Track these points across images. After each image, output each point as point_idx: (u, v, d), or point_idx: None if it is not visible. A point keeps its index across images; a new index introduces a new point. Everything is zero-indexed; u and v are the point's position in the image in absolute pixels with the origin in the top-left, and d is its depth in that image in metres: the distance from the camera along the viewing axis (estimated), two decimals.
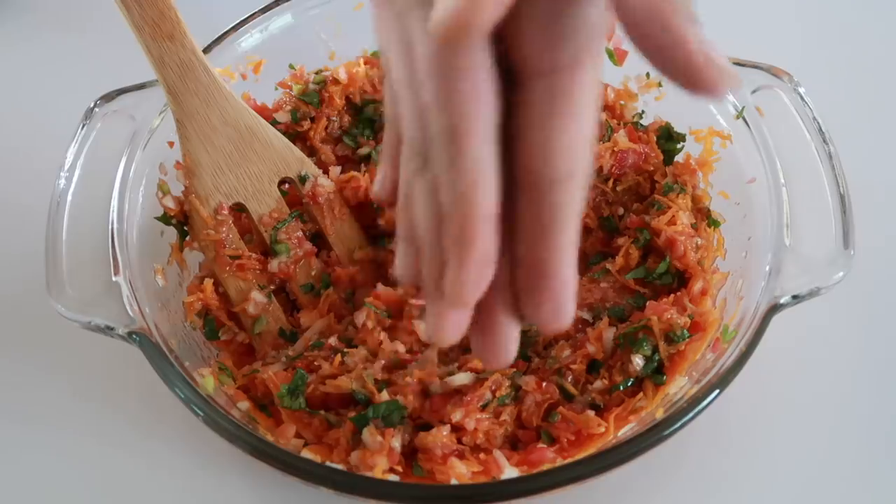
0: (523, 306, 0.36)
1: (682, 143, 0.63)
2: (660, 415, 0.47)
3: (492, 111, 0.34)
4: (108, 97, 0.59)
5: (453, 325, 0.37)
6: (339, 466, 0.47)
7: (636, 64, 0.64)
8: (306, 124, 0.65)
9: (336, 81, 0.65)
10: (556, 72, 0.34)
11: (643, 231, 0.58)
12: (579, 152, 0.35)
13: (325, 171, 0.62)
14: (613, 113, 0.64)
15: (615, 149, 0.61)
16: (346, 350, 0.54)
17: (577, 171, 0.35)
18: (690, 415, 0.46)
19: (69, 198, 0.55)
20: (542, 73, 0.34)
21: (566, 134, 0.34)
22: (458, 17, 0.31)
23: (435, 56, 0.34)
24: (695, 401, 0.46)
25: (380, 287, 0.57)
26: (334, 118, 0.65)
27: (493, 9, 0.31)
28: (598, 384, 0.53)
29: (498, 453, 0.49)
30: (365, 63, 0.67)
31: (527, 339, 0.56)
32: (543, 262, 0.35)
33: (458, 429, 0.50)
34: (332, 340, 0.55)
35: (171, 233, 0.59)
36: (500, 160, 0.35)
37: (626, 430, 0.49)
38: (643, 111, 0.65)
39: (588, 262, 0.61)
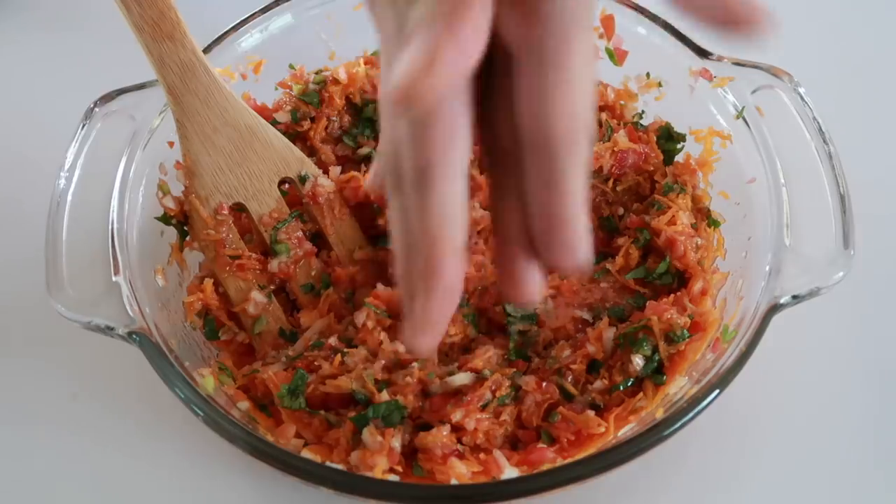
0: (540, 250, 0.38)
1: (682, 143, 0.63)
2: (660, 415, 0.47)
3: (465, 151, 0.36)
4: (108, 97, 0.59)
5: (425, 343, 0.38)
6: (339, 466, 0.47)
7: (636, 64, 0.64)
8: (306, 124, 0.65)
9: (336, 81, 0.65)
10: (545, 49, 0.34)
11: (643, 231, 0.58)
12: (578, 115, 0.35)
13: (325, 171, 0.62)
14: (613, 113, 0.64)
15: (615, 149, 0.61)
16: (346, 350, 0.54)
17: (578, 132, 0.35)
18: (690, 415, 0.46)
19: (69, 198, 0.55)
20: (532, 50, 0.34)
21: (563, 101, 0.34)
22: (407, 88, 0.31)
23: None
24: (695, 401, 0.46)
25: (380, 287, 0.57)
26: (334, 118, 0.65)
27: (449, 77, 0.32)
28: (598, 384, 0.53)
29: (498, 453, 0.49)
30: (365, 63, 0.67)
31: (527, 340, 0.56)
32: (554, 214, 0.36)
33: (458, 429, 0.50)
34: (332, 340, 0.55)
35: (171, 233, 0.59)
36: (504, 121, 0.36)
37: (626, 430, 0.49)
38: (643, 111, 0.65)
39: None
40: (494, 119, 0.38)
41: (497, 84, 0.37)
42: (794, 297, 0.49)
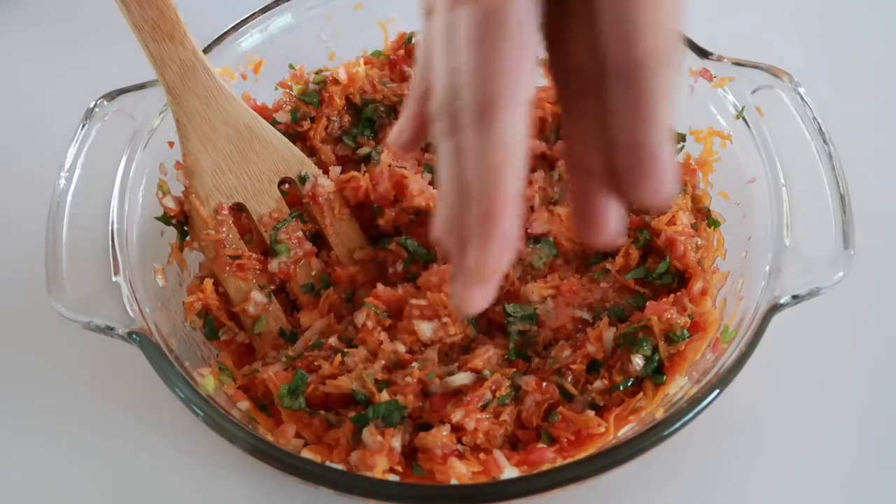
0: (626, 187, 0.35)
1: (682, 143, 0.63)
2: (660, 415, 0.47)
3: (531, 80, 0.33)
4: (108, 97, 0.59)
5: (479, 298, 0.36)
6: (339, 466, 0.47)
7: None
8: (306, 124, 0.65)
9: (336, 81, 0.65)
10: (638, 74, 0.33)
11: (643, 231, 0.58)
12: (669, 31, 0.33)
13: (325, 171, 0.62)
14: None
15: None
16: (346, 350, 0.54)
17: (664, 48, 0.33)
18: (690, 415, 0.46)
19: (69, 198, 0.55)
20: (624, 73, 0.33)
21: (653, 15, 0.32)
22: None
23: (478, 13, 0.32)
24: (695, 401, 0.46)
25: (380, 287, 0.57)
26: (334, 118, 0.65)
27: None
28: (598, 384, 0.53)
29: (498, 453, 0.49)
30: (365, 63, 0.67)
31: (527, 340, 0.56)
32: (641, 146, 0.34)
33: (458, 429, 0.50)
34: (332, 340, 0.55)
35: (171, 233, 0.60)
36: (582, 43, 0.34)
37: (626, 430, 0.49)
38: None
39: (588, 262, 0.61)
40: (568, 42, 0.35)
41: (572, 1, 0.35)
42: (794, 297, 0.49)
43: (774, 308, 0.49)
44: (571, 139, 0.37)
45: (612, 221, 0.36)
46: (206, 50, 0.62)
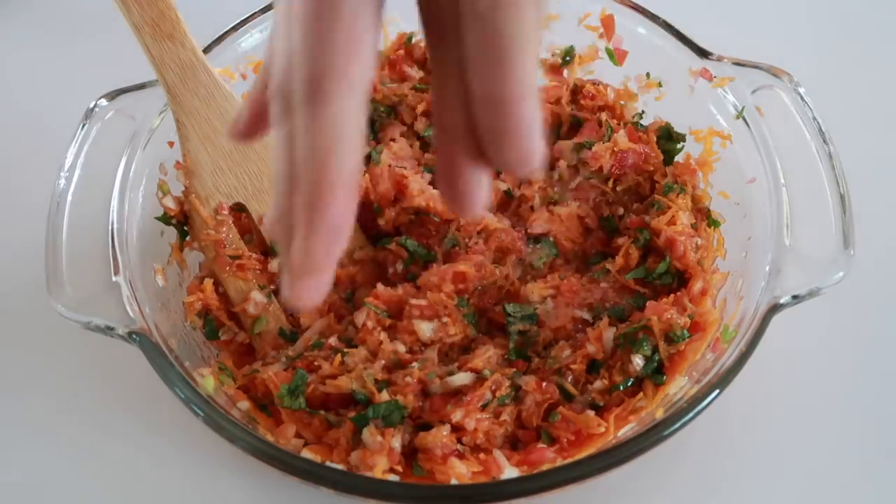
0: (487, 149, 0.33)
1: (682, 143, 0.63)
2: (660, 415, 0.47)
3: (366, 65, 0.31)
4: (108, 97, 0.59)
5: (308, 291, 0.33)
6: (339, 466, 0.47)
7: (636, 64, 0.64)
8: None
9: None
10: (491, 13, 0.31)
11: (643, 231, 0.58)
12: (525, 79, 0.31)
13: None
14: (613, 113, 0.64)
15: (615, 149, 0.61)
16: (346, 350, 0.54)
17: (526, 91, 0.31)
18: (690, 415, 0.46)
19: (69, 198, 0.55)
20: (477, 14, 0.31)
21: (507, 72, 0.31)
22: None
23: None
24: (695, 401, 0.46)
25: (380, 287, 0.57)
26: None
27: None
28: (598, 384, 0.53)
29: (498, 453, 0.49)
30: None
31: (527, 340, 0.56)
32: (501, 97, 0.31)
33: (458, 429, 0.50)
34: (332, 340, 0.55)
35: (171, 233, 0.59)
36: None
37: (626, 430, 0.49)
38: (643, 111, 0.65)
39: (588, 262, 0.61)
40: None
41: None
42: (794, 297, 0.49)
43: (774, 308, 0.49)
44: (438, 101, 0.34)
45: (478, 192, 0.34)
46: (206, 50, 0.61)
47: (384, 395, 0.51)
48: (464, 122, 0.33)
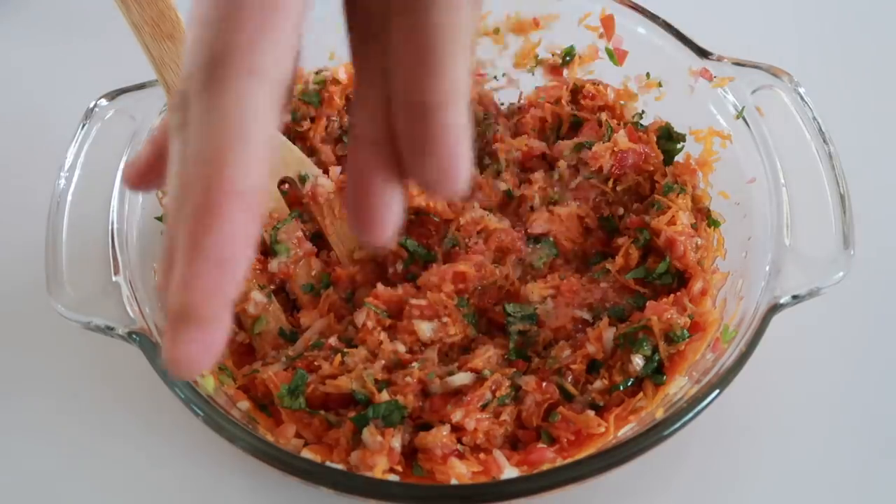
0: (406, 161, 0.28)
1: (682, 143, 0.63)
2: (660, 415, 0.47)
3: (287, 41, 0.27)
4: (108, 97, 0.59)
5: (189, 349, 0.26)
6: (339, 466, 0.47)
7: (636, 64, 0.64)
8: (306, 124, 0.65)
9: (336, 81, 0.65)
10: (420, 9, 0.27)
11: (643, 231, 0.58)
12: (453, 86, 0.27)
13: (325, 171, 0.62)
14: (613, 113, 0.64)
15: (615, 149, 0.61)
16: (346, 350, 0.54)
17: (453, 99, 0.27)
18: (690, 415, 0.46)
19: (69, 198, 0.55)
20: (406, 9, 0.28)
21: (434, 76, 0.27)
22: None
23: None
24: (695, 401, 0.46)
25: (380, 287, 0.57)
26: (334, 118, 0.65)
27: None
28: (598, 384, 0.53)
29: (498, 453, 0.49)
30: None
31: (527, 340, 0.56)
32: (424, 101, 0.27)
33: (458, 429, 0.50)
34: (332, 340, 0.55)
35: None
36: None
37: (626, 430, 0.49)
38: (643, 111, 0.65)
39: (588, 262, 0.60)
40: None
41: None
42: (794, 296, 0.49)
43: (774, 308, 0.49)
44: (355, 100, 0.30)
45: (388, 212, 0.30)
46: None
47: (384, 395, 0.51)
48: (383, 132, 0.29)
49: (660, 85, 0.64)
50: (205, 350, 0.26)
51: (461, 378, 0.52)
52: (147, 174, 0.33)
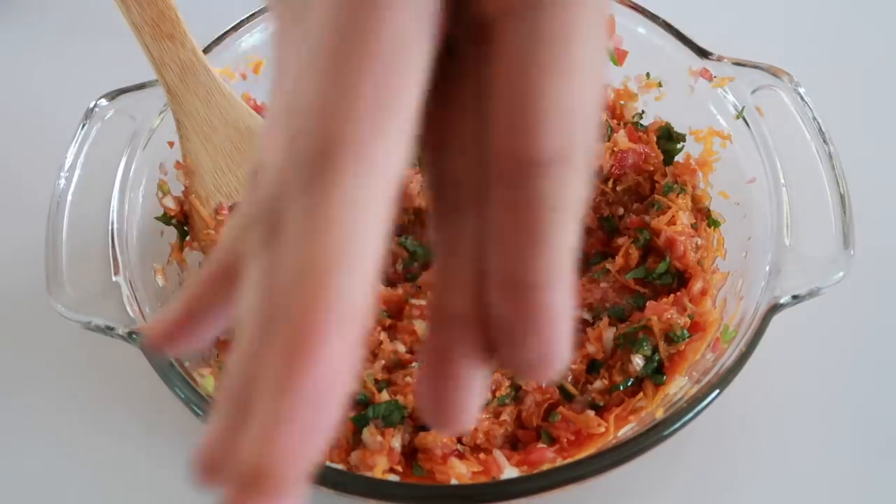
0: (498, 347, 0.24)
1: (682, 143, 0.62)
2: (660, 415, 0.47)
3: (407, 124, 0.22)
4: (108, 97, 0.59)
5: None
6: (339, 466, 0.47)
7: (636, 64, 0.64)
8: None
9: None
10: (541, 16, 0.22)
11: (643, 231, 0.58)
12: (577, 121, 0.23)
13: None
14: (613, 113, 0.64)
15: (615, 149, 0.61)
16: None
17: (573, 148, 0.23)
18: (690, 415, 0.46)
19: (69, 198, 0.55)
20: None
21: (561, 98, 0.23)
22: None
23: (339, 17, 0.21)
24: (695, 401, 0.46)
25: (380, 287, 0.57)
26: None
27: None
28: (598, 384, 0.53)
29: (498, 453, 0.49)
30: None
31: None
32: (526, 280, 0.24)
33: None
34: None
35: (171, 233, 0.59)
36: (467, 140, 0.24)
37: (626, 430, 0.49)
38: (643, 111, 0.65)
39: (588, 262, 0.60)
40: (448, 125, 0.25)
41: (460, 70, 0.24)
42: (794, 296, 0.49)
43: (774, 308, 0.49)
44: (438, 272, 0.25)
45: (469, 401, 0.24)
46: (206, 50, 0.61)
47: (384, 395, 0.51)
48: (471, 311, 0.24)
49: (660, 85, 0.64)
50: None
51: None
52: (177, 335, 0.27)
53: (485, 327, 0.24)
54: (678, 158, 0.63)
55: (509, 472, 0.48)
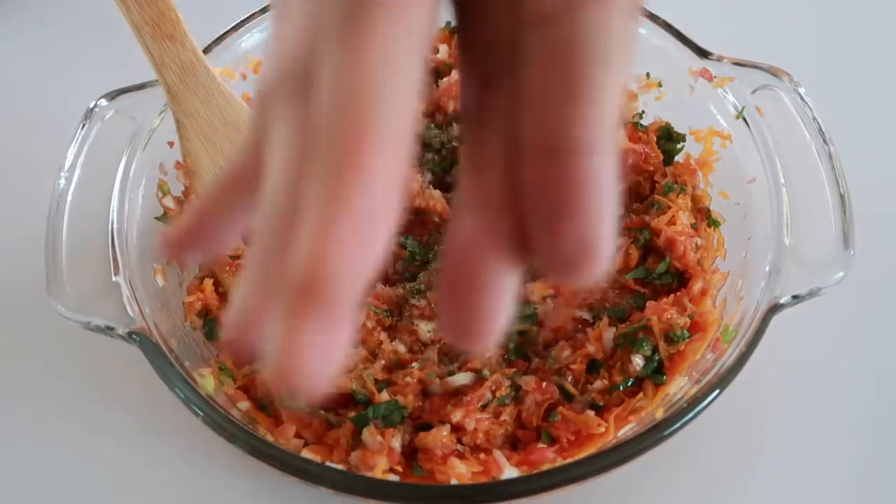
0: (533, 232, 0.22)
1: (682, 143, 0.63)
2: (660, 415, 0.47)
3: None
4: (108, 97, 0.59)
5: (316, 347, 0.20)
6: (339, 466, 0.47)
7: (636, 64, 0.64)
8: None
9: None
10: (565, 15, 0.21)
11: (643, 231, 0.58)
12: (603, 120, 0.22)
13: None
14: None
15: None
16: None
17: (602, 139, 0.23)
18: (690, 415, 0.46)
19: (69, 198, 0.55)
20: (546, 18, 0.22)
21: (580, 103, 0.22)
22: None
23: None
24: (695, 401, 0.46)
25: (380, 287, 0.57)
26: None
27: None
28: (598, 384, 0.53)
29: (498, 453, 0.49)
30: None
31: (527, 339, 0.56)
32: (563, 147, 0.22)
33: (458, 429, 0.50)
34: None
35: None
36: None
37: (626, 430, 0.49)
38: (643, 111, 0.65)
39: None
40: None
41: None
42: (794, 297, 0.49)
43: (774, 308, 0.49)
44: (466, 160, 0.24)
45: (494, 312, 0.22)
46: (206, 50, 0.61)
47: (384, 395, 0.51)
48: (502, 196, 0.22)
49: (660, 85, 0.64)
50: (330, 351, 0.20)
51: (461, 378, 0.52)
52: (186, 242, 0.27)
53: (517, 217, 0.22)
54: (678, 158, 0.63)
55: (509, 472, 0.48)
